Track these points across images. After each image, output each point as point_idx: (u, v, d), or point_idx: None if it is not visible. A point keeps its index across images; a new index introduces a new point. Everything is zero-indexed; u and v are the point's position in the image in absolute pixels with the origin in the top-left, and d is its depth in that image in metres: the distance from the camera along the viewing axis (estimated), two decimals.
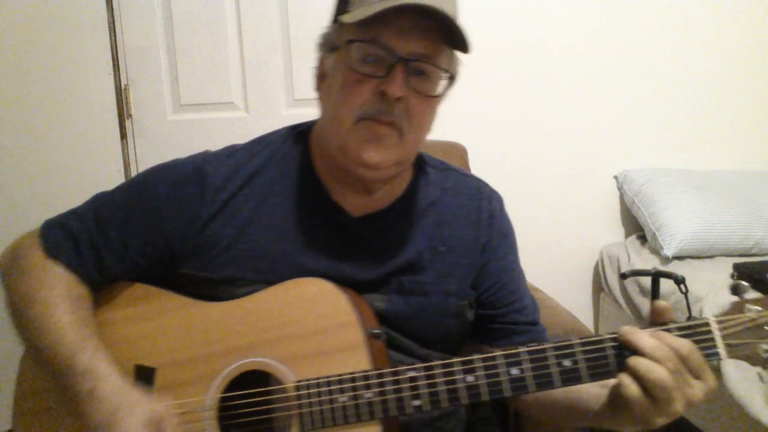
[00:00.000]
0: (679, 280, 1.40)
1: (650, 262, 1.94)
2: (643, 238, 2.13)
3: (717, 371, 1.40)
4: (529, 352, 0.70)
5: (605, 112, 2.18)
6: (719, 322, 0.68)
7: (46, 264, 0.82)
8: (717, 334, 0.68)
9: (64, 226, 0.85)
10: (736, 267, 1.70)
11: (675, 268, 1.86)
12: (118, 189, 0.89)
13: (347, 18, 0.76)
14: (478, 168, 1.03)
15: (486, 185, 0.98)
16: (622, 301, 2.06)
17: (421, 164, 0.94)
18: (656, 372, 0.64)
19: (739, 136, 2.25)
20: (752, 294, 0.71)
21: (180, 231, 0.83)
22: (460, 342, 0.94)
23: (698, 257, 1.95)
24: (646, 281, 1.79)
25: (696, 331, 0.68)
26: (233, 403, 0.76)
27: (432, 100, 0.80)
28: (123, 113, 1.99)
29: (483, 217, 0.93)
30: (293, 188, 0.86)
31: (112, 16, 1.94)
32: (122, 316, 0.84)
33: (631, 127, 2.20)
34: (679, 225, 1.93)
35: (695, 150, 2.23)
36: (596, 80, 2.16)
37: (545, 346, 0.70)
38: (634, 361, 0.66)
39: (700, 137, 2.23)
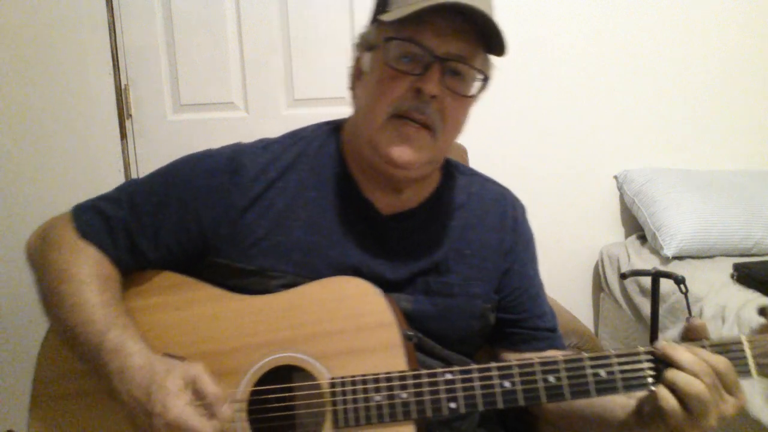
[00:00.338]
0: (679, 280, 1.40)
1: (650, 262, 1.94)
2: (643, 238, 2.13)
3: None
4: (566, 361, 0.72)
5: (605, 112, 2.18)
6: (750, 342, 0.71)
7: (78, 243, 0.82)
8: (748, 353, 0.70)
9: (97, 209, 0.85)
10: (736, 267, 1.70)
11: (675, 268, 1.86)
12: (152, 176, 0.89)
13: (386, 17, 0.77)
14: (478, 168, 1.03)
15: (510, 192, 0.99)
16: (622, 301, 2.06)
17: (448, 168, 0.95)
18: (695, 386, 0.65)
19: (739, 136, 2.25)
20: None
21: (214, 220, 0.84)
22: (477, 344, 0.95)
23: (698, 257, 1.95)
24: (646, 281, 1.79)
25: (728, 349, 0.70)
26: (264, 397, 0.76)
27: (466, 100, 0.81)
28: (123, 113, 1.99)
29: (507, 222, 0.94)
30: (326, 183, 0.87)
31: (112, 16, 1.94)
32: (152, 304, 0.83)
33: (631, 127, 2.20)
34: (679, 225, 1.93)
35: (695, 150, 2.23)
36: (596, 80, 2.16)
37: (582, 356, 0.72)
38: (673, 374, 0.67)
39: (700, 137, 2.23)
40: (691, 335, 0.72)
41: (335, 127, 0.93)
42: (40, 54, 1.91)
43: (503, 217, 0.94)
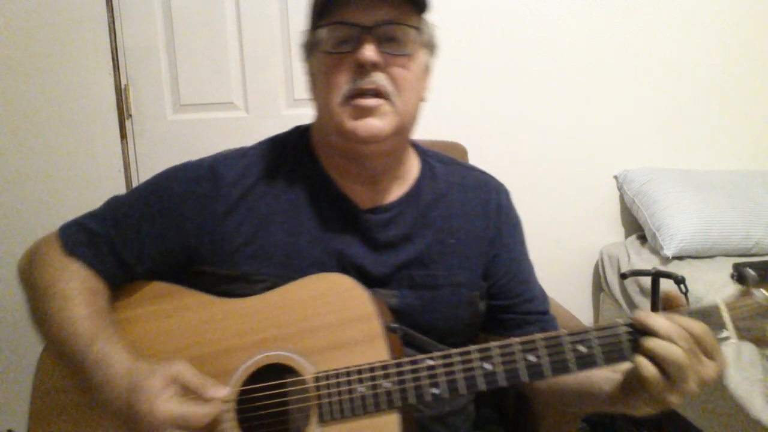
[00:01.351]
0: (679, 280, 1.40)
1: (650, 262, 1.94)
2: (643, 238, 2.13)
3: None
4: (545, 339, 0.72)
5: (605, 112, 2.18)
6: (728, 307, 0.70)
7: (63, 260, 0.84)
8: (727, 318, 0.70)
9: (82, 226, 0.87)
10: (736, 267, 1.70)
11: (675, 268, 1.86)
12: (134, 191, 0.91)
13: (312, 10, 0.81)
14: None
15: (492, 178, 0.99)
16: (622, 301, 2.06)
17: (426, 159, 0.95)
18: (671, 351, 0.66)
19: (739, 136, 2.25)
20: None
21: (197, 228, 0.85)
22: (471, 335, 0.95)
23: (698, 257, 1.95)
24: (646, 281, 1.79)
25: (707, 315, 0.70)
26: (252, 396, 0.77)
27: (410, 61, 0.82)
28: (123, 113, 1.99)
29: (491, 209, 0.94)
30: (304, 184, 0.88)
31: (112, 16, 1.94)
32: (141, 313, 0.84)
33: (631, 127, 2.20)
34: (679, 225, 1.93)
35: (695, 150, 2.23)
36: (596, 80, 2.16)
37: (560, 333, 0.72)
38: (649, 341, 0.67)
39: (700, 137, 2.23)
40: (669, 304, 0.72)
41: (304, 130, 0.94)
42: (40, 54, 1.91)
43: (486, 204, 0.94)
